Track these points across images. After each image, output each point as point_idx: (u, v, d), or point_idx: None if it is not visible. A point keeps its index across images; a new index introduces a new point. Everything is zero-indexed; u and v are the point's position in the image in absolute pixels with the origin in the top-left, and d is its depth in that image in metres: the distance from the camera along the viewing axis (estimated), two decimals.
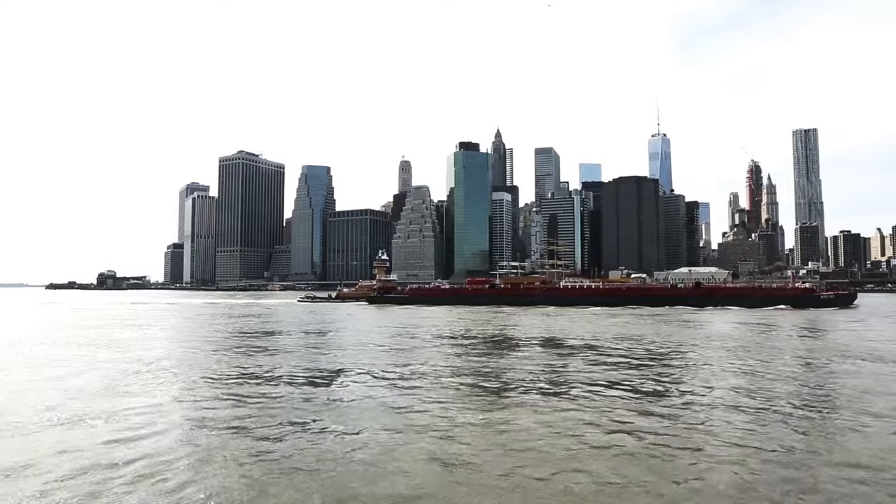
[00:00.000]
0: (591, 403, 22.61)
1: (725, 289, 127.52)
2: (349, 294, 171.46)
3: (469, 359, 36.86)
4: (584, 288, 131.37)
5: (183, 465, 15.00)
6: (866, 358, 35.72)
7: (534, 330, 59.67)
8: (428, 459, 15.56)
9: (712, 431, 18.18)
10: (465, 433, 18.22)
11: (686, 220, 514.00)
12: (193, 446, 16.80)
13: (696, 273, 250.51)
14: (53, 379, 28.90)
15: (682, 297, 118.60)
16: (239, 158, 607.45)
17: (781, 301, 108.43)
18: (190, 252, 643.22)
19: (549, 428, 18.64)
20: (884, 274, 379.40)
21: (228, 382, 27.73)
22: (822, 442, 17.16)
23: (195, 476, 14.24)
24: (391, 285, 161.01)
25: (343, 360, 36.38)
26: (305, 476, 14.30)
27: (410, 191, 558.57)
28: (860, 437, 17.53)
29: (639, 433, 18.03)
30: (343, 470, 14.75)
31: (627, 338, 49.43)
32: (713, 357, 36.72)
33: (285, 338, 51.87)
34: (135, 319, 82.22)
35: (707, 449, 16.34)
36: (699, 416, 20.40)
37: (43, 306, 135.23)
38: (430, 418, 20.11)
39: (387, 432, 18.20)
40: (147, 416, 20.46)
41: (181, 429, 18.90)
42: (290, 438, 17.62)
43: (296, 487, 13.55)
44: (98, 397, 23.99)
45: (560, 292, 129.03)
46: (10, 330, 64.11)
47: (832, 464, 15.05)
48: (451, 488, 13.51)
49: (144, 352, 40.41)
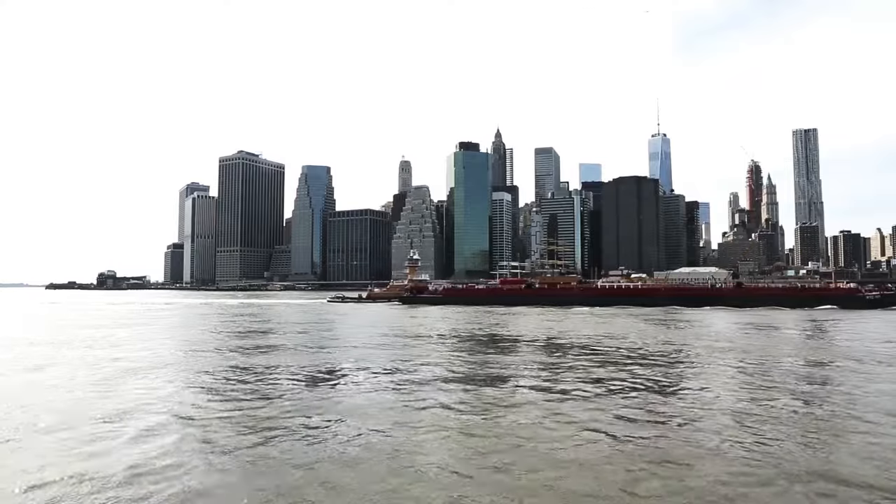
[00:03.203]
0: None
1: (767, 289, 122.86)
2: (381, 294, 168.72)
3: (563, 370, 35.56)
4: (622, 288, 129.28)
5: (202, 466, 15.12)
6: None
7: (585, 332, 57.61)
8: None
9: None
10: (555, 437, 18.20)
11: (686, 220, 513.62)
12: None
13: (696, 273, 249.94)
14: (55, 378, 29.03)
15: (722, 297, 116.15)
16: (239, 158, 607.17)
17: (826, 301, 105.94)
18: (190, 252, 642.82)
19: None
20: (884, 274, 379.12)
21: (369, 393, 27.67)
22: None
23: (208, 474, 14.37)
24: (423, 285, 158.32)
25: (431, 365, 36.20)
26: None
27: (410, 191, 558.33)
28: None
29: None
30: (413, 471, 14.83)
31: (688, 344, 46.34)
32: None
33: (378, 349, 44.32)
34: (198, 324, 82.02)
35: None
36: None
37: (44, 306, 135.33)
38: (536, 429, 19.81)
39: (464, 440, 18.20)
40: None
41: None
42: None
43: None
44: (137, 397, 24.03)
45: (597, 292, 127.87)
46: (10, 331, 64.25)
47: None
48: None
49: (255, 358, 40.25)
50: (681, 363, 35.31)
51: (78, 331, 61.14)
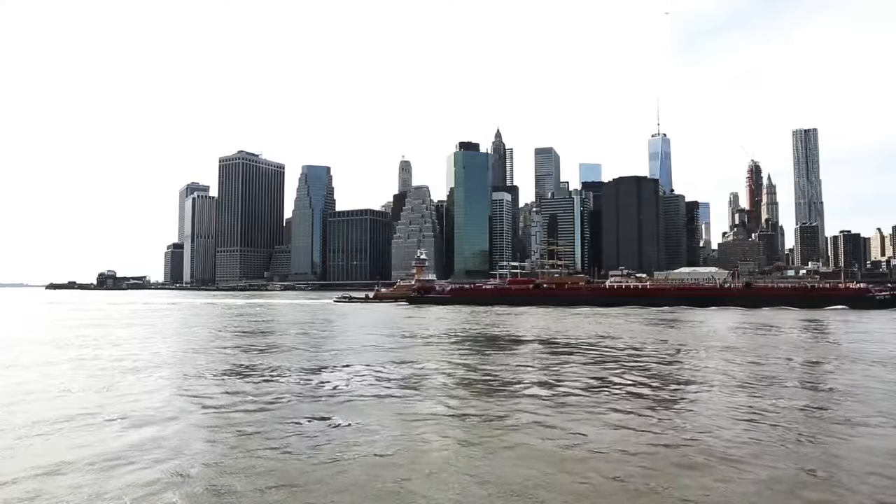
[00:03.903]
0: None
1: (777, 289, 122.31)
2: (387, 294, 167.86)
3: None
4: (630, 288, 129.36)
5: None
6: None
7: (595, 331, 57.20)
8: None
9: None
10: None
11: (686, 220, 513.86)
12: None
13: (696, 273, 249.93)
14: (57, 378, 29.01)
15: (731, 297, 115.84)
16: (239, 158, 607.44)
17: (836, 302, 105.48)
18: (190, 252, 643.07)
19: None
20: (884, 274, 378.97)
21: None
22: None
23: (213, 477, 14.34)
24: (430, 285, 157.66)
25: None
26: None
27: (410, 191, 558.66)
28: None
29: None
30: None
31: (700, 344, 45.85)
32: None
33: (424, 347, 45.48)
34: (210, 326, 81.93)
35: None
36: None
37: (44, 306, 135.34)
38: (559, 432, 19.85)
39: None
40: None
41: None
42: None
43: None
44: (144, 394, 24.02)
45: (605, 292, 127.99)
46: (10, 331, 64.22)
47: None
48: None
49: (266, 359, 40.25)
50: (706, 367, 35.28)
51: (78, 331, 61.09)
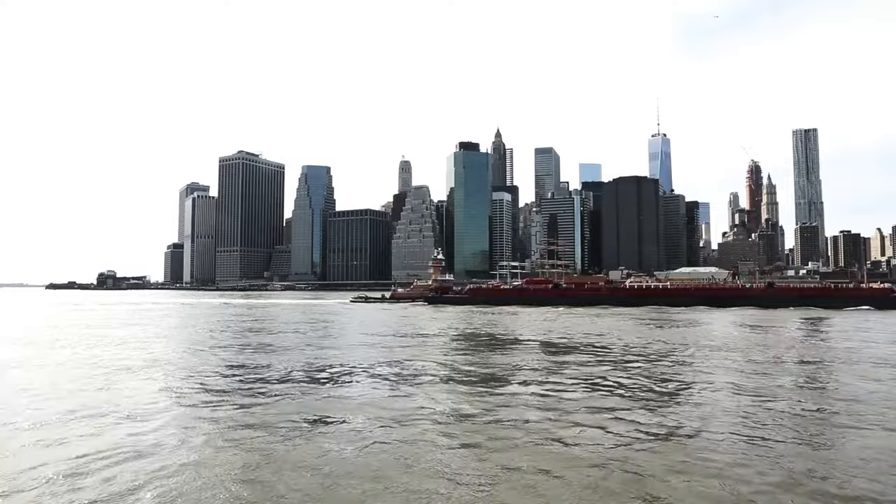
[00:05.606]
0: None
1: (799, 289, 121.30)
2: (405, 294, 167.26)
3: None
4: (650, 288, 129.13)
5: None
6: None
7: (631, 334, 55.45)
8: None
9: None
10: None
11: (686, 220, 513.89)
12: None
13: (697, 273, 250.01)
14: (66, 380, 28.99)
15: (752, 297, 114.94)
16: (239, 158, 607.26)
17: (860, 302, 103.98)
18: (190, 252, 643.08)
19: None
20: (884, 274, 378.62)
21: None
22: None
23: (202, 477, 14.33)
24: (448, 285, 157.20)
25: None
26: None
27: (410, 191, 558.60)
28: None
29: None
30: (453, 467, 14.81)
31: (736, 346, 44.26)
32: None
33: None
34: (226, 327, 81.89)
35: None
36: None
37: (44, 306, 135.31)
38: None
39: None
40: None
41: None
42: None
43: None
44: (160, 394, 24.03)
45: (625, 292, 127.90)
46: (10, 330, 64.20)
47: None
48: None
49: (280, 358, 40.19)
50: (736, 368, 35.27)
51: (78, 330, 61.07)
